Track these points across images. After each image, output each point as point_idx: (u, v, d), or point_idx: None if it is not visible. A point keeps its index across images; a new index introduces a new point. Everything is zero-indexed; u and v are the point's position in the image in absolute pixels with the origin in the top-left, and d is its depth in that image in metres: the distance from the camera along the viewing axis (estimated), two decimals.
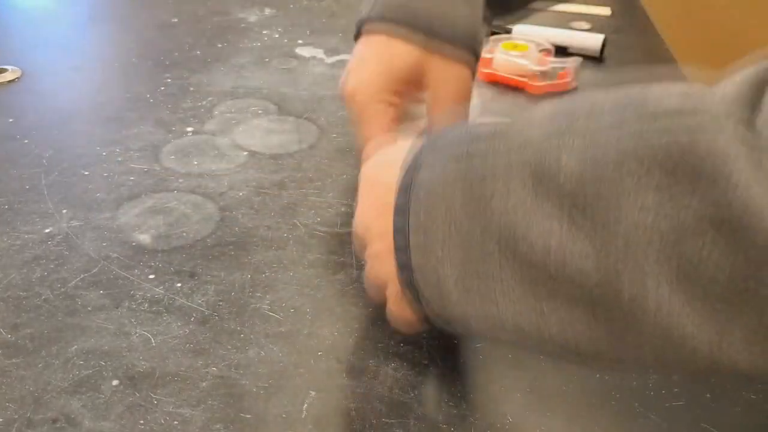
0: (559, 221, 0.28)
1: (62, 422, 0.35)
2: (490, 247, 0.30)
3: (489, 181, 0.30)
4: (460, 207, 0.31)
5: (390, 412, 0.36)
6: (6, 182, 0.54)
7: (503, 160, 0.30)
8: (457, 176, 0.31)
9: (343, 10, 0.93)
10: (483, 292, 0.30)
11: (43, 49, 0.79)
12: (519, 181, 0.29)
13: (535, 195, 0.28)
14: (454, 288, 0.31)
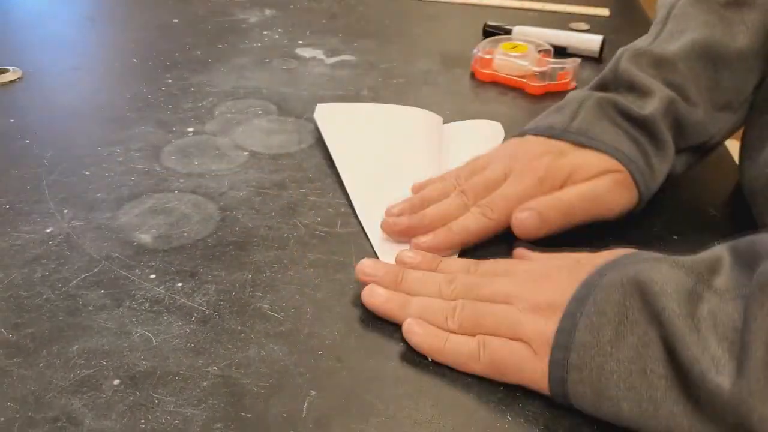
0: (708, 335, 0.32)
1: (63, 421, 0.35)
2: (657, 342, 0.33)
3: (656, 301, 0.33)
4: (636, 309, 0.34)
5: (390, 412, 0.36)
6: (7, 182, 0.54)
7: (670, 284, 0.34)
8: (636, 283, 0.34)
9: (344, 11, 0.93)
10: (647, 378, 0.33)
11: (43, 50, 0.79)
12: (678, 301, 0.33)
13: (691, 317, 0.33)
14: (615, 380, 0.34)
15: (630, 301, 0.34)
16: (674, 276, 0.34)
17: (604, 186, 0.49)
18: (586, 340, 0.34)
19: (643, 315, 0.34)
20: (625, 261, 0.37)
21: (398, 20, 0.91)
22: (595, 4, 0.95)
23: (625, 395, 0.33)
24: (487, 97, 0.70)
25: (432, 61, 0.78)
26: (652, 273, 0.34)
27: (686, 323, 0.32)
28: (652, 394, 0.33)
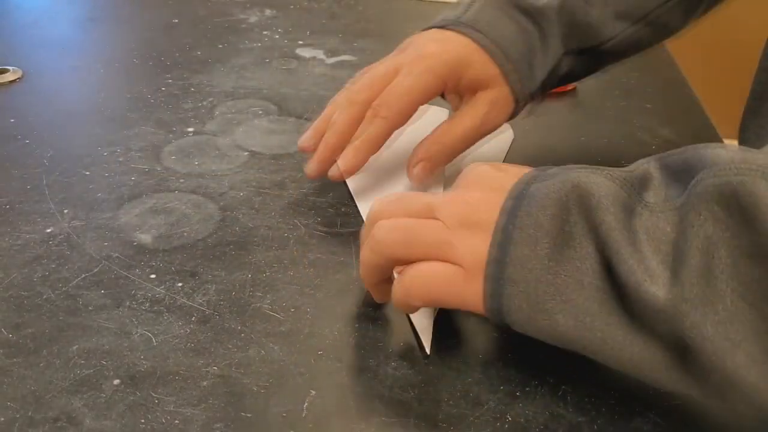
0: (642, 248, 0.32)
1: (63, 421, 0.35)
2: (596, 255, 0.33)
3: (593, 214, 0.33)
4: (574, 223, 0.33)
5: (390, 411, 0.36)
6: (7, 182, 0.54)
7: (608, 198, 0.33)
8: (575, 196, 0.34)
9: (343, 11, 0.93)
10: (585, 290, 0.33)
11: (44, 50, 0.79)
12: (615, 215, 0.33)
13: (627, 230, 0.32)
14: (551, 293, 0.33)
15: (568, 215, 0.33)
16: (611, 189, 0.33)
17: (482, 115, 0.50)
18: (524, 254, 0.34)
19: (582, 228, 0.33)
20: (549, 172, 0.36)
21: (398, 20, 0.91)
22: None
23: (562, 308, 0.33)
24: None
25: None
26: (589, 186, 0.33)
27: (623, 236, 0.32)
28: (588, 306, 0.33)
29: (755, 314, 0.29)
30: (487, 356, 0.40)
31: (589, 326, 0.33)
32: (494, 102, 0.51)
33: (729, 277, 0.29)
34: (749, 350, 0.29)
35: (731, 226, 0.29)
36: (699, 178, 0.31)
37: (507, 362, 0.39)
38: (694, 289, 0.30)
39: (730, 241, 0.29)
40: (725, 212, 0.30)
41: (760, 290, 0.29)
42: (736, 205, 0.29)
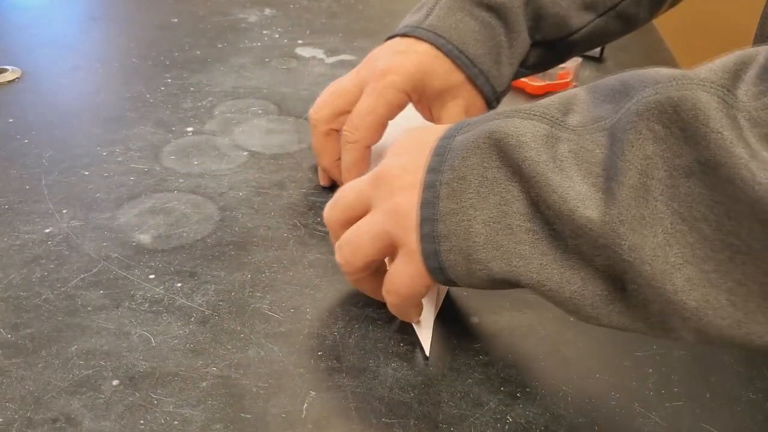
0: (572, 174, 0.31)
1: (62, 422, 0.35)
2: (521, 196, 0.33)
3: (514, 154, 0.32)
4: (495, 168, 0.33)
5: (390, 412, 0.36)
6: (6, 182, 0.54)
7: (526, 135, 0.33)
8: (497, 139, 0.33)
9: (343, 10, 0.93)
10: (514, 234, 0.32)
11: (43, 49, 0.79)
12: (537, 149, 0.32)
13: (552, 160, 0.31)
14: (482, 242, 0.33)
15: (488, 161, 0.33)
16: (528, 126, 0.33)
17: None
18: (450, 208, 0.34)
19: (503, 172, 0.33)
20: (471, 122, 0.36)
21: (398, 20, 0.90)
22: None
23: (494, 255, 0.33)
24: None
25: None
26: (506, 128, 0.33)
27: (548, 167, 0.31)
28: (520, 250, 0.32)
29: (695, 236, 0.28)
30: (488, 357, 0.40)
31: (524, 270, 0.32)
32: (466, 109, 0.50)
33: (669, 198, 0.28)
34: (689, 274, 0.28)
35: (672, 144, 0.28)
36: (639, 97, 0.30)
37: (507, 363, 0.39)
38: (631, 210, 0.29)
39: (670, 161, 0.28)
40: (666, 130, 0.29)
41: (701, 211, 0.28)
42: (678, 121, 0.28)
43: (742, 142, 0.26)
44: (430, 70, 0.49)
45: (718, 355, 0.40)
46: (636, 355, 0.40)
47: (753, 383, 0.38)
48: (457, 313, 0.42)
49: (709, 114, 0.27)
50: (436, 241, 0.34)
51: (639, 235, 0.29)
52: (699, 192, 0.28)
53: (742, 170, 0.26)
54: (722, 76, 0.28)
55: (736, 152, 0.26)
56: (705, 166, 0.27)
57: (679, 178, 0.28)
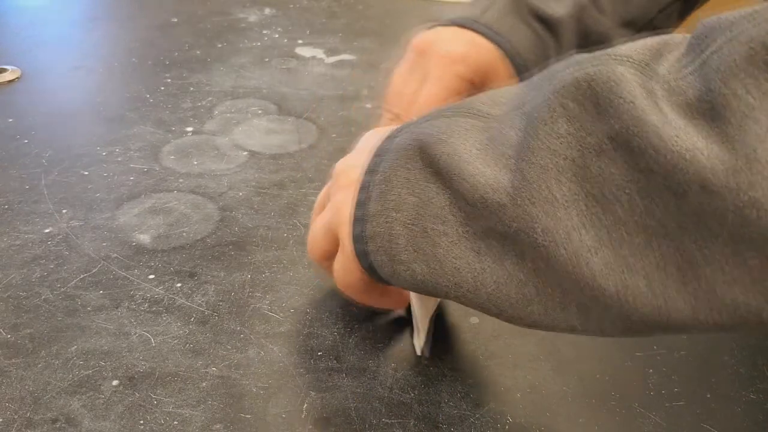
0: (486, 160, 0.30)
1: (62, 422, 0.35)
2: (438, 196, 0.32)
3: (438, 146, 0.32)
4: (417, 170, 0.33)
5: (390, 412, 0.36)
6: (6, 182, 0.54)
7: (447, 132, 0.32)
8: (420, 140, 0.33)
9: (343, 10, 0.93)
10: (429, 237, 0.32)
11: (43, 49, 0.79)
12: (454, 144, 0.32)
13: (468, 152, 0.31)
14: (403, 245, 0.33)
15: (412, 163, 0.33)
16: (453, 123, 0.32)
17: None
18: (376, 209, 0.34)
19: (423, 174, 0.33)
20: (412, 123, 0.35)
21: (398, 19, 0.91)
22: None
23: (414, 257, 0.33)
24: None
25: None
26: (430, 128, 0.33)
27: (462, 159, 0.31)
28: (435, 252, 0.32)
29: (610, 218, 0.27)
30: (487, 357, 0.40)
31: (440, 272, 0.32)
32: None
33: (581, 179, 0.27)
34: (606, 258, 0.27)
35: (584, 122, 0.27)
36: (558, 76, 0.29)
37: (507, 363, 0.39)
38: (542, 191, 0.28)
39: (582, 139, 0.27)
40: (579, 107, 0.27)
41: (613, 191, 0.27)
42: (591, 96, 0.27)
43: (655, 110, 0.25)
44: (494, 69, 0.49)
45: (719, 356, 0.40)
46: (636, 356, 0.40)
47: (753, 383, 0.38)
48: (457, 313, 0.42)
49: (623, 85, 0.26)
50: (364, 242, 0.34)
51: (552, 217, 0.28)
52: (610, 171, 0.27)
53: (653, 138, 0.25)
54: (642, 53, 0.27)
55: (648, 119, 0.25)
56: (615, 142, 0.26)
57: (590, 157, 0.27)
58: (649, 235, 0.26)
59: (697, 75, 0.25)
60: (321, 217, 0.40)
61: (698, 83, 0.25)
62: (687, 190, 0.24)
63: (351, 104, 0.68)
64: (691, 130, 0.24)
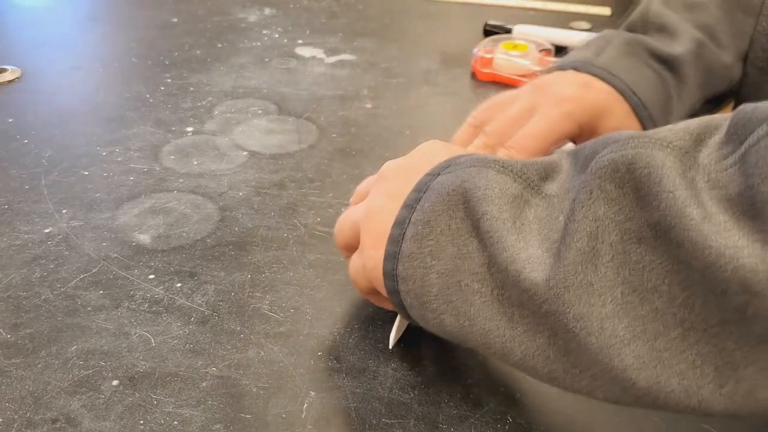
0: (528, 238, 0.30)
1: (62, 422, 0.35)
2: (477, 253, 0.31)
3: (477, 207, 0.31)
4: (459, 219, 0.32)
5: (390, 412, 0.36)
6: (6, 182, 0.54)
7: (494, 190, 0.31)
8: (466, 189, 0.32)
9: (343, 10, 0.93)
10: (463, 292, 0.31)
11: (43, 49, 0.79)
12: (500, 206, 0.31)
13: (513, 221, 0.30)
14: (435, 293, 0.33)
15: (454, 210, 0.32)
16: (500, 181, 0.31)
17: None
18: (411, 251, 0.33)
19: (465, 224, 0.32)
20: (458, 163, 0.34)
21: (398, 19, 0.91)
22: (596, 4, 0.95)
23: (445, 309, 0.32)
24: (488, 97, 0.70)
25: (432, 61, 0.78)
26: (477, 179, 0.32)
27: (505, 226, 0.30)
28: (466, 310, 0.31)
29: (647, 309, 0.26)
30: (487, 357, 0.40)
31: (469, 330, 0.32)
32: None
33: (619, 265, 0.26)
34: (639, 350, 0.26)
35: (624, 206, 0.27)
36: (597, 156, 0.29)
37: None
38: (578, 275, 0.27)
39: (621, 224, 0.26)
40: (619, 190, 0.27)
41: (652, 280, 0.26)
42: (630, 180, 0.27)
43: (695, 203, 0.25)
44: (608, 110, 0.49)
45: None
46: None
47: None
48: None
49: (663, 173, 0.25)
50: (395, 281, 0.34)
51: (585, 303, 0.27)
52: (650, 259, 0.26)
53: (692, 232, 0.24)
54: (682, 137, 0.27)
55: (687, 212, 0.24)
56: (656, 230, 0.26)
57: (630, 243, 0.26)
58: (687, 330, 0.25)
59: (737, 168, 0.25)
60: (354, 209, 0.40)
61: (738, 178, 0.24)
62: (726, 288, 0.23)
63: (351, 104, 0.68)
64: (732, 226, 0.24)
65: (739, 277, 0.23)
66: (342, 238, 0.40)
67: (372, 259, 0.36)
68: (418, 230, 0.33)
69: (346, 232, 0.40)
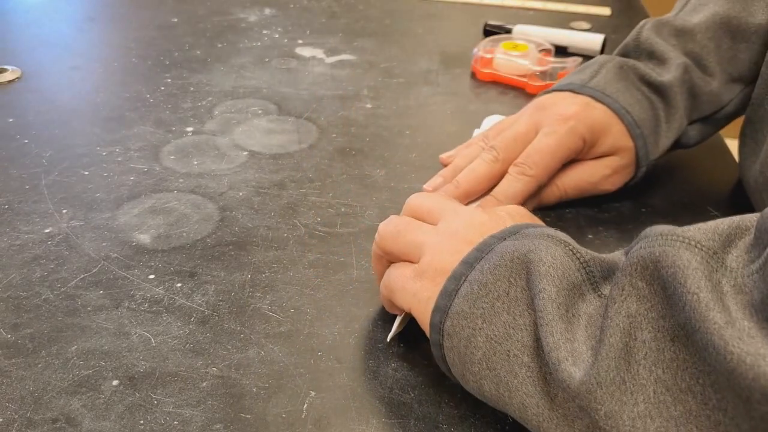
0: (575, 331, 0.30)
1: (62, 422, 0.35)
2: (525, 336, 0.31)
3: (537, 281, 0.31)
4: (520, 288, 0.32)
5: (390, 412, 0.36)
6: (6, 182, 0.54)
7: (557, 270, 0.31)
8: (530, 260, 0.32)
9: (343, 10, 0.93)
10: (509, 362, 0.31)
11: (43, 49, 0.79)
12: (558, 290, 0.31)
13: (566, 308, 0.30)
14: (479, 357, 0.32)
15: (515, 278, 0.32)
16: (565, 264, 0.31)
17: (601, 175, 0.52)
18: (462, 309, 0.33)
19: (524, 295, 0.31)
20: (528, 233, 0.34)
21: (398, 19, 0.91)
22: (596, 3, 0.95)
23: (486, 374, 0.32)
24: (488, 97, 0.70)
25: (432, 61, 0.78)
26: (544, 254, 0.32)
27: (558, 312, 0.30)
28: (509, 381, 0.31)
29: (680, 409, 0.25)
30: None
31: (507, 401, 0.32)
32: (617, 169, 0.52)
33: (653, 363, 0.26)
34: None
35: (655, 304, 0.27)
36: (629, 253, 0.29)
37: None
38: (611, 373, 0.27)
39: (655, 321, 0.26)
40: (649, 288, 0.27)
41: (686, 380, 0.25)
42: (658, 278, 0.27)
43: (718, 307, 0.24)
44: (607, 128, 0.51)
45: None
46: None
47: None
48: None
49: (688, 273, 0.25)
50: (441, 334, 0.34)
51: (617, 401, 0.26)
52: (684, 358, 0.25)
53: (714, 336, 0.24)
54: (711, 238, 0.27)
55: (709, 316, 0.24)
56: (686, 329, 0.25)
57: (664, 341, 0.26)
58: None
59: (761, 275, 0.25)
60: (418, 227, 0.38)
61: (763, 285, 0.24)
62: (750, 396, 0.23)
63: (351, 104, 0.68)
64: (756, 333, 0.23)
65: (760, 385, 0.23)
66: (393, 247, 0.39)
67: (428, 291, 0.35)
68: (473, 290, 0.33)
69: (400, 244, 0.38)
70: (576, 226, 0.51)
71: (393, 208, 0.52)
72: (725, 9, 0.53)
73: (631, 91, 0.52)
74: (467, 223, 0.37)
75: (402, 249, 0.38)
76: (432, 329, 0.35)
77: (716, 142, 0.62)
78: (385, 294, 0.39)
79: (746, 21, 0.53)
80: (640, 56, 0.54)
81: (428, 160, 0.58)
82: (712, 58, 0.53)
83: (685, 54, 0.53)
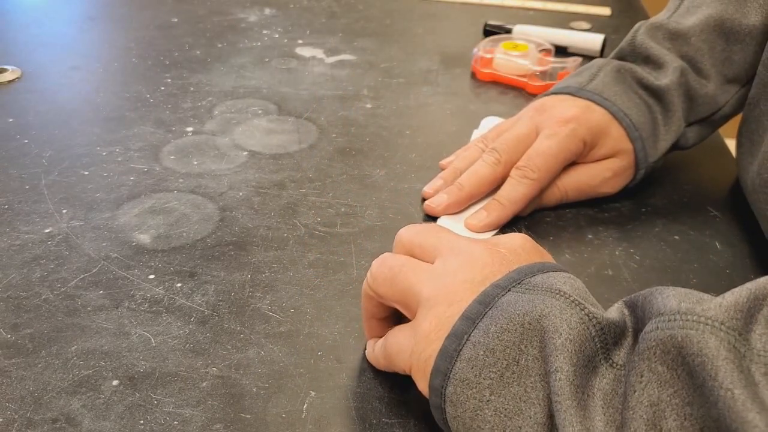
0: (590, 415, 0.28)
1: (62, 422, 0.35)
2: (539, 412, 0.29)
3: (552, 357, 0.29)
4: (532, 357, 0.30)
5: (390, 412, 0.36)
6: (6, 182, 0.54)
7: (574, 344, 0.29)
8: (540, 329, 0.30)
9: (343, 10, 0.93)
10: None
11: (43, 49, 0.79)
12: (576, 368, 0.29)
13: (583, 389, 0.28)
14: (490, 422, 0.30)
15: (525, 345, 0.29)
16: (581, 333, 0.29)
17: (601, 177, 0.52)
18: (467, 377, 0.30)
19: (537, 365, 0.29)
20: (534, 285, 0.31)
21: (398, 19, 0.91)
22: (596, 3, 0.95)
23: None
24: (488, 97, 0.70)
25: (432, 61, 0.78)
26: (559, 322, 0.29)
27: (576, 396, 0.28)
28: None
29: None
30: None
31: None
32: (617, 172, 0.52)
33: None
34: None
35: (679, 390, 0.25)
36: (643, 333, 0.27)
37: None
38: None
39: (680, 408, 0.25)
40: (671, 372, 0.25)
41: None
42: (683, 365, 0.25)
43: (757, 406, 0.23)
44: (607, 131, 0.51)
45: None
46: None
47: None
48: None
49: (718, 365, 0.24)
50: (443, 399, 0.31)
51: None
52: None
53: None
54: (733, 316, 0.25)
55: (749, 418, 0.23)
56: (718, 423, 0.24)
57: (692, 429, 0.25)
58: None
59: None
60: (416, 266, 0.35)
61: None
62: None
63: (351, 104, 0.68)
64: None
65: None
66: (387, 292, 0.35)
67: (427, 349, 0.32)
68: (479, 355, 0.30)
69: (395, 290, 0.35)
70: (576, 226, 0.51)
71: (393, 208, 0.52)
72: (719, 11, 0.53)
73: (628, 95, 0.52)
74: (466, 264, 0.34)
75: (397, 296, 0.35)
76: (432, 392, 0.32)
77: (715, 141, 0.62)
78: (384, 364, 0.37)
79: (740, 22, 0.53)
80: (636, 60, 0.55)
81: (428, 160, 0.58)
82: (707, 60, 0.53)
83: (680, 57, 0.53)
